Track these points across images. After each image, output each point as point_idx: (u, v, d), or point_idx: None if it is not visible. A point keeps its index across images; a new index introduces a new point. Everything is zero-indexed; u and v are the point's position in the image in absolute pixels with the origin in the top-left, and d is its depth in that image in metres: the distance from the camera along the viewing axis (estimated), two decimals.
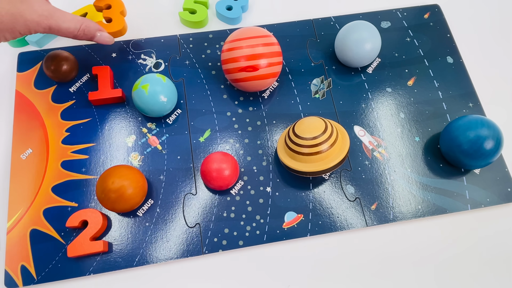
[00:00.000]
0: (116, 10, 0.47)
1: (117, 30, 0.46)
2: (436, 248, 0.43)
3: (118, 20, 0.47)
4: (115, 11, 0.47)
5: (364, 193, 0.45)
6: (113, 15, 0.47)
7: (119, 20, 0.47)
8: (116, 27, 0.46)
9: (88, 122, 0.47)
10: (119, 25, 0.46)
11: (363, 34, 0.47)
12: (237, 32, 0.45)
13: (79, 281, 0.41)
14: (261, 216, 0.43)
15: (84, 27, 0.41)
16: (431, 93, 0.50)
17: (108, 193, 0.39)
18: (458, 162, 0.44)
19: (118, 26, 0.46)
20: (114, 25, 0.46)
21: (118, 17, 0.47)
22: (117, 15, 0.47)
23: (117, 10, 0.47)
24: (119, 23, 0.47)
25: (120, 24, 0.46)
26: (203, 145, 0.46)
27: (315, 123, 0.41)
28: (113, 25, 0.47)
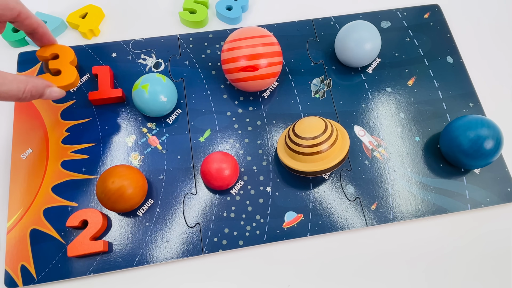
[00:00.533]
0: (65, 59, 0.40)
1: (68, 83, 0.39)
2: (436, 248, 0.43)
3: (68, 72, 0.39)
4: (63, 61, 0.40)
5: (364, 193, 0.45)
6: (62, 66, 0.40)
7: (69, 71, 0.39)
8: (66, 80, 0.39)
9: (88, 122, 0.47)
10: (70, 77, 0.39)
11: (363, 34, 0.47)
12: (237, 32, 0.45)
13: (79, 281, 0.41)
14: (261, 216, 0.43)
15: (31, 88, 0.34)
16: (431, 93, 0.50)
17: (108, 193, 0.39)
18: (458, 162, 0.44)
19: (68, 79, 0.39)
20: (64, 78, 0.39)
21: (68, 68, 0.39)
22: (67, 66, 0.40)
23: (66, 59, 0.40)
24: (69, 75, 0.39)
25: (71, 76, 0.39)
26: (203, 145, 0.46)
27: (315, 123, 0.41)
28: (62, 78, 0.39)
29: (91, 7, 0.53)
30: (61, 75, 0.39)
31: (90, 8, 0.53)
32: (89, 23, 0.51)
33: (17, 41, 0.50)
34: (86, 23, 0.51)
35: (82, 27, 0.51)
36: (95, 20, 0.52)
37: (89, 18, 0.52)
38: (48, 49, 0.40)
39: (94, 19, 0.52)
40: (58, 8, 0.54)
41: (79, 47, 0.51)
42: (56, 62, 0.40)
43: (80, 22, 0.51)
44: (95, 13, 0.52)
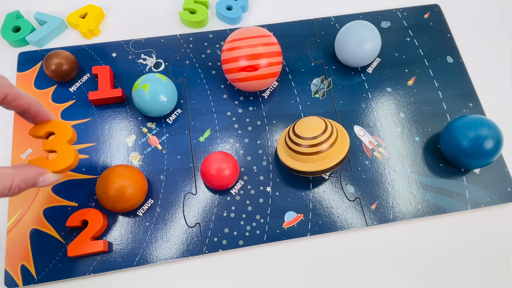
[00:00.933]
0: (62, 138, 0.34)
1: (65, 167, 0.33)
2: (436, 248, 0.43)
3: (65, 154, 0.33)
4: (60, 140, 0.34)
5: (364, 193, 0.45)
6: (59, 146, 0.34)
7: (66, 153, 0.33)
8: (62, 164, 0.33)
9: (88, 122, 0.47)
10: (67, 160, 0.33)
11: (363, 34, 0.47)
12: (237, 32, 0.45)
13: (79, 281, 0.41)
14: (261, 215, 0.43)
15: (18, 182, 0.30)
16: (431, 93, 0.50)
17: (108, 193, 0.39)
18: (458, 162, 0.44)
19: (65, 162, 0.33)
20: (60, 161, 0.33)
21: (65, 148, 0.34)
22: (64, 146, 0.34)
23: (63, 138, 0.34)
24: (66, 157, 0.33)
25: (68, 158, 0.33)
26: (203, 145, 0.46)
27: (315, 122, 0.41)
28: (58, 161, 0.33)
29: (91, 7, 0.53)
30: (57, 158, 0.33)
31: (90, 8, 0.53)
32: (89, 23, 0.51)
33: (17, 41, 0.50)
34: (86, 23, 0.51)
35: (82, 27, 0.51)
36: (95, 20, 0.52)
37: (89, 18, 0.52)
38: (42, 127, 0.34)
39: (94, 19, 0.52)
40: (58, 8, 0.54)
41: (79, 47, 0.51)
42: (52, 142, 0.34)
43: (80, 22, 0.51)
44: (95, 13, 0.52)
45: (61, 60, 0.47)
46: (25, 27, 0.51)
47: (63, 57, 0.47)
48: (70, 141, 0.34)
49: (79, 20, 0.52)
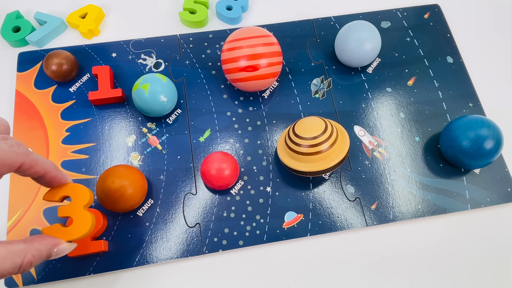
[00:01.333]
0: (78, 203, 0.33)
1: (82, 234, 0.32)
2: (436, 248, 0.43)
3: (82, 219, 0.32)
4: (76, 205, 0.33)
5: (364, 193, 0.45)
6: (75, 212, 0.32)
7: (83, 218, 0.32)
8: (79, 231, 0.32)
9: (88, 122, 0.47)
10: (84, 227, 0.32)
11: (363, 34, 0.47)
12: (237, 32, 0.45)
13: (79, 281, 0.41)
14: (261, 216, 0.43)
15: (30, 258, 0.27)
16: (431, 93, 0.50)
17: (108, 193, 0.39)
18: (458, 162, 0.44)
19: (82, 229, 0.32)
20: (77, 228, 0.32)
21: (81, 213, 0.32)
22: (80, 210, 0.32)
23: (79, 203, 0.33)
24: (83, 223, 0.32)
25: (86, 224, 0.32)
26: (203, 145, 0.46)
27: (315, 123, 0.41)
28: (75, 228, 0.32)
29: (91, 7, 0.53)
30: (72, 225, 0.32)
31: (90, 8, 0.53)
32: (89, 23, 0.51)
33: (17, 41, 0.50)
34: (86, 23, 0.51)
35: (82, 27, 0.51)
36: (95, 20, 0.52)
37: (89, 18, 0.52)
38: (58, 191, 0.32)
39: (94, 19, 0.52)
40: (58, 8, 0.54)
41: (79, 47, 0.51)
42: (67, 208, 0.32)
43: (80, 22, 0.51)
44: (95, 13, 0.52)
45: (61, 60, 0.47)
46: (25, 27, 0.51)
47: (63, 57, 0.47)
48: (86, 205, 0.32)
49: (79, 20, 0.52)
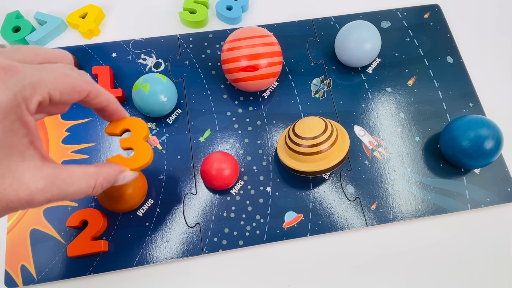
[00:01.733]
0: (138, 135, 0.34)
1: (144, 163, 0.33)
2: (436, 248, 0.43)
3: (142, 150, 0.33)
4: (136, 137, 0.34)
5: (364, 193, 0.45)
6: (135, 143, 0.33)
7: (143, 149, 0.33)
8: (141, 161, 0.33)
9: (88, 122, 0.47)
10: (145, 156, 0.33)
11: (363, 34, 0.47)
12: (237, 32, 0.45)
13: (79, 281, 0.41)
14: (261, 216, 0.43)
15: (102, 181, 0.29)
16: (431, 93, 0.50)
17: (108, 193, 0.39)
18: (458, 162, 0.44)
19: (144, 159, 0.33)
20: (138, 158, 0.33)
21: (141, 145, 0.33)
22: (140, 142, 0.33)
23: (139, 135, 0.34)
24: (144, 153, 0.33)
25: (146, 154, 0.33)
26: (203, 145, 0.46)
27: (315, 123, 0.41)
28: (136, 158, 0.33)
29: (91, 7, 0.53)
30: (134, 156, 0.33)
31: (90, 8, 0.53)
32: (89, 23, 0.51)
33: (17, 41, 0.50)
34: (86, 23, 0.51)
35: (82, 27, 0.51)
36: (95, 20, 0.52)
37: (89, 18, 0.52)
38: (118, 125, 0.33)
39: (94, 19, 0.52)
40: (58, 8, 0.54)
41: (79, 47, 0.51)
42: (128, 140, 0.34)
43: (80, 22, 0.51)
44: (95, 13, 0.52)
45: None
46: (25, 27, 0.51)
47: None
48: (145, 137, 0.34)
49: (79, 20, 0.52)
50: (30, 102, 0.24)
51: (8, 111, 0.23)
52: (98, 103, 0.30)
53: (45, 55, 0.27)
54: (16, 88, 0.23)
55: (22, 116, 0.23)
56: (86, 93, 0.28)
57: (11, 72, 0.23)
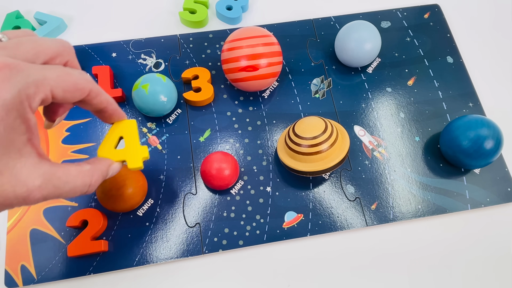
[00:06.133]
0: (204, 79, 0.48)
1: (206, 98, 0.47)
2: (436, 248, 0.43)
3: (207, 89, 0.48)
4: (203, 80, 0.48)
5: (364, 193, 0.45)
6: (202, 84, 0.48)
7: (207, 88, 0.48)
8: (205, 95, 0.47)
9: (88, 122, 0.47)
10: (208, 93, 0.47)
11: (363, 34, 0.47)
12: (237, 32, 0.45)
13: (79, 280, 0.41)
14: (261, 215, 0.43)
15: (97, 178, 0.30)
16: (431, 93, 0.50)
17: (108, 193, 0.39)
18: (458, 162, 0.44)
19: (207, 94, 0.47)
20: (204, 94, 0.47)
21: (206, 85, 0.48)
22: (205, 83, 0.48)
23: (204, 79, 0.48)
24: (207, 91, 0.47)
25: (209, 91, 0.47)
26: (203, 145, 0.46)
27: (315, 122, 0.41)
28: (202, 93, 0.47)
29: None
30: (201, 92, 0.47)
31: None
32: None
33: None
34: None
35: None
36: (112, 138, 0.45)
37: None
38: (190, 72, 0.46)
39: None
40: (58, 8, 0.54)
41: (79, 47, 0.51)
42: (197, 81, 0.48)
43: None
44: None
45: None
46: (25, 27, 0.51)
47: None
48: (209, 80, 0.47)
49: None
50: (33, 100, 0.24)
51: (10, 108, 0.23)
52: (99, 102, 0.30)
53: (46, 51, 0.27)
54: (20, 86, 0.23)
55: (24, 114, 0.24)
56: (87, 91, 0.28)
57: (15, 70, 0.23)
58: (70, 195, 0.28)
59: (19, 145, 0.24)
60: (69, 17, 0.54)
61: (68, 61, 0.29)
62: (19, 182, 0.24)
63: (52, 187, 0.26)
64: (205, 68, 0.48)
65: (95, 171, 0.29)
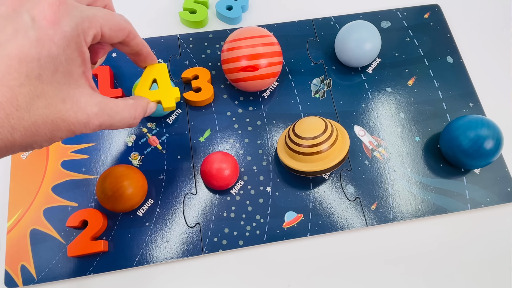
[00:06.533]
0: (204, 79, 0.48)
1: (206, 98, 0.47)
2: (436, 248, 0.43)
3: (207, 89, 0.47)
4: (203, 80, 0.48)
5: (364, 193, 0.45)
6: (202, 84, 0.47)
7: (207, 88, 0.47)
8: (205, 95, 0.47)
9: None
10: (208, 93, 0.47)
11: (363, 34, 0.47)
12: (237, 32, 0.45)
13: (79, 281, 0.41)
14: (261, 216, 0.43)
15: (140, 111, 0.32)
16: (431, 93, 0.50)
17: (108, 193, 0.39)
18: (458, 162, 0.44)
19: (207, 94, 0.47)
20: (204, 94, 0.47)
21: (206, 85, 0.48)
22: (205, 83, 0.48)
23: (204, 79, 0.48)
24: (207, 91, 0.47)
25: (209, 91, 0.47)
26: (203, 145, 0.46)
27: (315, 123, 0.41)
28: (202, 93, 0.47)
29: None
30: (201, 92, 0.47)
31: None
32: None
33: None
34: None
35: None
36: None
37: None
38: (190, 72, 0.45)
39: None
40: None
41: None
42: (197, 81, 0.48)
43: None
44: None
45: None
46: None
47: None
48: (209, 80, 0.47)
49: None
50: (87, 35, 0.26)
51: (70, 40, 0.25)
52: (135, 44, 0.32)
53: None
54: (77, 20, 0.25)
55: (80, 47, 0.26)
56: (127, 32, 0.31)
57: (71, 5, 0.25)
58: (119, 125, 0.30)
59: (76, 77, 0.26)
60: None
61: (107, 5, 0.31)
62: (80, 109, 0.26)
63: (106, 116, 0.28)
64: (205, 68, 0.48)
65: (138, 106, 0.32)
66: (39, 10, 0.25)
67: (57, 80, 0.25)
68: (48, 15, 0.25)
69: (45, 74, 0.25)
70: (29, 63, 0.24)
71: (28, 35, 0.24)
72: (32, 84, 0.24)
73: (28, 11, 0.24)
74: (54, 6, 0.25)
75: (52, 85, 0.25)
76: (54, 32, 0.25)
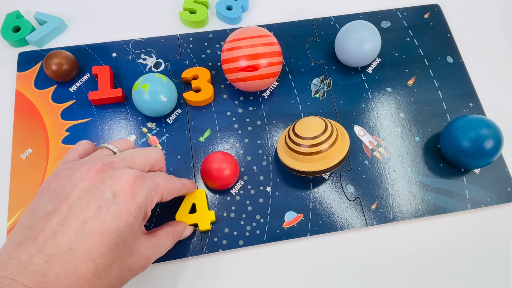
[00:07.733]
0: (204, 79, 0.48)
1: (206, 98, 0.47)
2: (436, 248, 0.43)
3: (207, 89, 0.48)
4: (203, 80, 0.48)
5: (364, 193, 0.45)
6: (202, 84, 0.48)
7: (207, 88, 0.48)
8: (205, 95, 0.47)
9: (88, 122, 0.47)
10: (208, 93, 0.47)
11: (363, 34, 0.47)
12: (237, 32, 0.45)
13: None
14: (261, 215, 0.43)
15: (176, 237, 0.38)
16: (431, 93, 0.50)
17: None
18: (458, 162, 0.44)
19: (207, 94, 0.47)
20: (204, 94, 0.47)
21: (206, 85, 0.48)
22: (205, 83, 0.48)
23: (204, 79, 0.48)
24: (207, 91, 0.47)
25: (209, 91, 0.47)
26: (203, 145, 0.46)
27: (315, 122, 0.41)
28: (202, 93, 0.47)
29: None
30: (201, 92, 0.48)
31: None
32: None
33: (17, 41, 0.50)
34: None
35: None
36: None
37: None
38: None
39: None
40: (58, 8, 0.54)
41: (79, 47, 0.51)
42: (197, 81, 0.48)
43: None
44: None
45: (61, 60, 0.47)
46: (25, 27, 0.51)
47: (63, 57, 0.47)
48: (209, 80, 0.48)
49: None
50: (153, 201, 0.32)
51: (141, 208, 0.31)
52: (182, 193, 0.39)
53: (151, 161, 0.35)
54: (147, 191, 0.31)
55: (146, 210, 0.32)
56: (182, 193, 0.38)
57: (143, 179, 0.31)
58: (163, 254, 0.36)
59: (137, 229, 0.31)
60: (69, 17, 0.54)
61: (162, 167, 0.37)
62: (142, 257, 0.32)
63: (157, 253, 0.34)
64: (205, 68, 0.48)
65: (175, 233, 0.37)
66: (119, 186, 0.29)
67: (129, 242, 0.30)
68: (127, 191, 0.30)
69: (122, 241, 0.29)
70: (110, 235, 0.28)
71: (110, 210, 0.28)
72: (110, 252, 0.28)
73: (110, 188, 0.29)
74: (131, 182, 0.30)
75: (126, 247, 0.29)
76: (131, 204, 0.29)
